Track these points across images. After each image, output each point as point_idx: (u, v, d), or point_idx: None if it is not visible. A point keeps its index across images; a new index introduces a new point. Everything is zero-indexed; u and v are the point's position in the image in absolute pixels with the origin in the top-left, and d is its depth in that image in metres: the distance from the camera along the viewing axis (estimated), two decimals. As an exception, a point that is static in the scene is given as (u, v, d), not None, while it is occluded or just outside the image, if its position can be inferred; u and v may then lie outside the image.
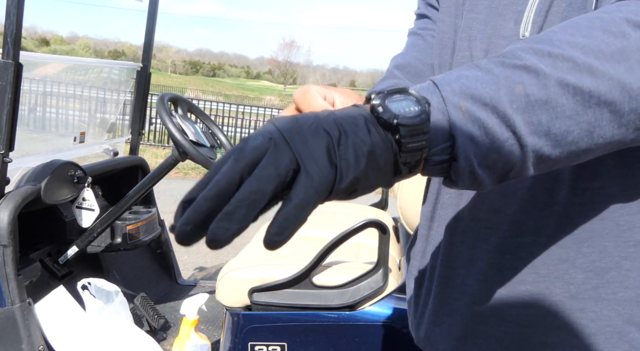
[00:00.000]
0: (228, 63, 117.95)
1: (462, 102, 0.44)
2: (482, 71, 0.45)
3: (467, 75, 0.45)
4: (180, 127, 1.74)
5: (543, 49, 0.46)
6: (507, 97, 0.44)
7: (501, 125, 0.44)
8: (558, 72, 0.44)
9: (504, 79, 0.44)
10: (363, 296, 1.58)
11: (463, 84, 0.44)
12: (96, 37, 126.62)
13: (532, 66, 0.45)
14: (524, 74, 0.44)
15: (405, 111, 0.42)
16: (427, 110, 0.43)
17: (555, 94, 0.44)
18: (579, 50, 0.45)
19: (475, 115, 0.44)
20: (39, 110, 2.27)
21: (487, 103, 0.44)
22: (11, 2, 1.46)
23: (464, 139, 0.44)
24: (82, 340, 1.68)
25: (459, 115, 0.44)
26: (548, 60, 0.45)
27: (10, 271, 1.56)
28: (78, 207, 1.87)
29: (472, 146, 0.44)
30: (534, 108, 0.44)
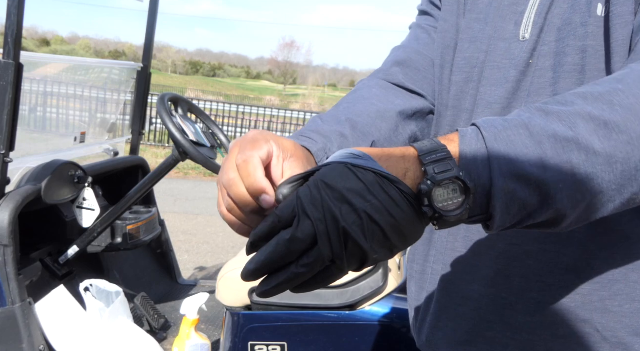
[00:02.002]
0: (228, 63, 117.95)
1: (507, 184, 0.44)
2: (533, 140, 0.45)
3: (517, 142, 0.45)
4: (180, 127, 1.75)
5: (601, 115, 0.45)
6: (554, 177, 0.44)
7: (543, 204, 0.45)
8: (609, 148, 0.44)
9: (552, 158, 0.44)
10: (363, 296, 1.59)
11: (512, 162, 0.44)
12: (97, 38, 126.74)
13: (584, 142, 0.44)
14: (574, 151, 0.44)
15: (448, 204, 0.44)
16: (469, 202, 0.44)
17: (602, 172, 0.45)
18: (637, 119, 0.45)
19: (518, 195, 0.45)
20: (40, 110, 2.28)
21: (532, 183, 0.44)
22: (12, 2, 1.47)
23: (502, 217, 0.45)
24: (82, 340, 1.68)
25: (502, 197, 0.45)
26: (603, 131, 0.45)
27: (11, 271, 1.57)
28: (78, 207, 1.88)
29: (509, 219, 0.46)
30: (578, 186, 0.45)
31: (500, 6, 0.70)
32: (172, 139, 1.71)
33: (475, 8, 0.73)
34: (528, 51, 0.66)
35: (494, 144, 0.45)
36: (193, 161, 1.73)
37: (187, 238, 4.50)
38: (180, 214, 5.19)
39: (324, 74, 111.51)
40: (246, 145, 0.54)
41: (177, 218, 4.98)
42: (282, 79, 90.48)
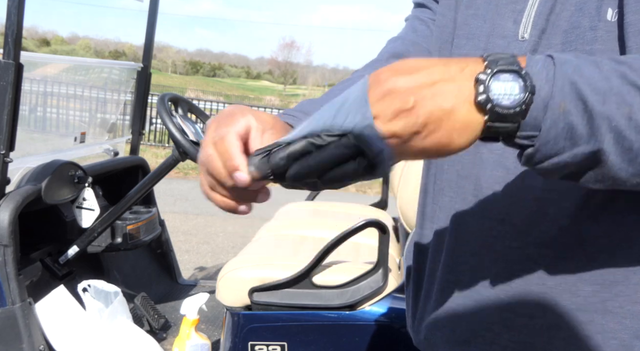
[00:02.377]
0: (228, 63, 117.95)
1: (564, 101, 0.44)
2: (601, 73, 0.45)
3: (585, 70, 0.45)
4: (180, 127, 1.75)
5: None
6: (610, 112, 0.44)
7: (590, 138, 0.45)
8: None
9: (616, 94, 0.44)
10: (363, 296, 1.59)
11: (576, 82, 0.44)
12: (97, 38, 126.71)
13: None
14: (637, 97, 0.44)
15: (504, 97, 0.44)
16: (528, 102, 0.44)
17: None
18: None
19: (570, 118, 0.44)
20: (40, 110, 2.28)
21: (588, 111, 0.44)
22: (12, 2, 1.47)
23: (548, 139, 0.45)
24: (82, 340, 1.68)
25: (556, 113, 0.44)
26: None
27: (11, 271, 1.57)
28: (78, 207, 1.88)
29: (554, 147, 0.45)
30: (631, 132, 0.44)
31: (499, 3, 0.69)
32: (172, 139, 1.71)
33: (472, 4, 0.72)
34: (529, 52, 0.64)
35: (562, 66, 0.45)
36: (193, 161, 1.73)
37: (187, 238, 4.50)
38: (180, 214, 5.19)
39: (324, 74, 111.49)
40: (223, 121, 0.55)
41: (177, 218, 4.97)
42: (282, 78, 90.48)
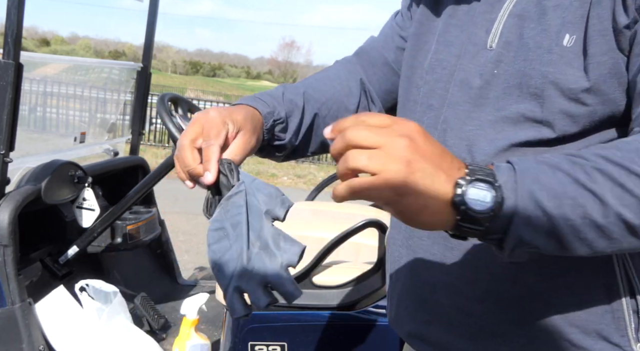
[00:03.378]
0: (228, 63, 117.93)
1: (525, 211, 0.50)
2: (555, 179, 0.51)
3: (542, 178, 0.51)
4: (180, 127, 1.74)
5: (620, 176, 0.50)
6: (566, 214, 0.50)
7: (549, 234, 0.51)
8: (620, 206, 0.50)
9: (571, 198, 0.50)
10: (363, 296, 1.59)
11: (534, 192, 0.50)
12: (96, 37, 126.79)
13: (600, 194, 0.50)
14: (589, 199, 0.50)
15: (477, 203, 0.50)
16: (497, 210, 0.50)
17: (609, 224, 0.50)
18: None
19: (532, 222, 0.50)
20: (40, 110, 2.28)
21: (546, 214, 0.50)
22: (12, 2, 1.47)
23: (514, 240, 0.51)
24: (82, 340, 1.68)
25: (519, 221, 0.50)
26: (618, 191, 0.50)
27: (10, 271, 1.57)
28: (78, 207, 1.88)
29: (519, 244, 0.51)
30: (585, 229, 0.51)
31: (475, 13, 0.73)
32: (172, 139, 1.70)
33: (455, 14, 0.77)
34: (493, 61, 0.69)
35: (523, 176, 0.51)
36: (193, 161, 1.72)
37: (187, 238, 4.50)
38: (180, 214, 5.19)
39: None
40: (210, 130, 0.68)
41: (177, 218, 4.97)
42: (282, 78, 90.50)
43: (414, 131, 0.50)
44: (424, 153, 0.49)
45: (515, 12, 0.68)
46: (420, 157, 0.49)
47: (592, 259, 0.64)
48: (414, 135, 0.50)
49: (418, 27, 0.82)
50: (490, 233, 0.51)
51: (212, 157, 0.66)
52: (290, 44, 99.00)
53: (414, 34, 0.83)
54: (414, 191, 0.49)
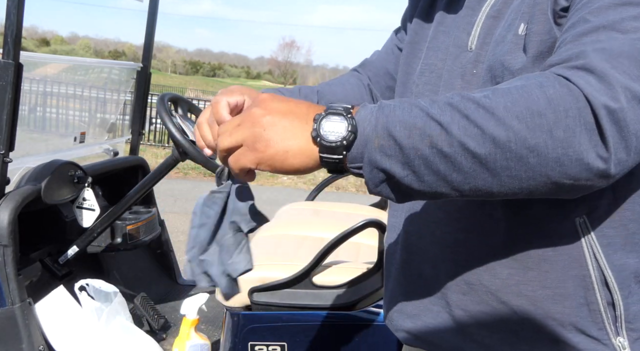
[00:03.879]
0: (228, 63, 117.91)
1: (377, 138, 0.54)
2: (410, 113, 0.54)
3: (397, 112, 0.55)
4: (180, 127, 1.74)
5: (466, 109, 0.53)
6: (415, 144, 0.53)
7: (404, 164, 0.54)
8: (464, 136, 0.52)
9: (419, 128, 0.53)
10: (363, 296, 1.59)
11: (387, 122, 0.54)
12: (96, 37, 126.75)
13: (446, 124, 0.53)
14: (436, 129, 0.53)
15: (330, 133, 0.55)
16: (349, 138, 0.55)
17: (455, 153, 0.53)
18: (495, 119, 0.52)
19: (385, 150, 0.54)
20: (39, 110, 2.27)
21: (398, 144, 0.54)
22: (12, 2, 1.46)
23: (371, 167, 0.55)
24: (82, 340, 1.68)
25: (372, 147, 0.54)
26: (463, 122, 0.53)
27: (10, 271, 1.56)
28: (78, 207, 1.87)
29: (377, 175, 0.56)
30: (435, 158, 0.53)
31: (458, 17, 0.78)
32: (172, 139, 1.71)
33: (443, 21, 0.82)
34: (472, 62, 0.73)
35: (382, 111, 0.55)
36: (193, 161, 1.72)
37: (187, 238, 4.48)
38: (180, 214, 5.19)
39: (324, 74, 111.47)
40: (222, 92, 0.75)
41: (177, 218, 4.97)
42: (282, 78, 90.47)
43: (262, 100, 0.58)
44: (273, 110, 0.57)
45: (491, 13, 0.73)
46: (270, 114, 0.56)
47: (564, 252, 0.66)
48: (262, 102, 0.58)
49: (413, 36, 0.88)
50: (351, 162, 0.56)
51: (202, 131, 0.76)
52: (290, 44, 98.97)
53: (408, 43, 0.89)
54: (272, 141, 0.56)
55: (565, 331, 0.67)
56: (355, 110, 0.56)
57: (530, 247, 0.68)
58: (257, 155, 0.56)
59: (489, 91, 0.55)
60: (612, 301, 0.67)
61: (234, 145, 0.58)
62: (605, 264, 0.66)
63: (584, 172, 0.52)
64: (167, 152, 8.58)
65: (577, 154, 0.51)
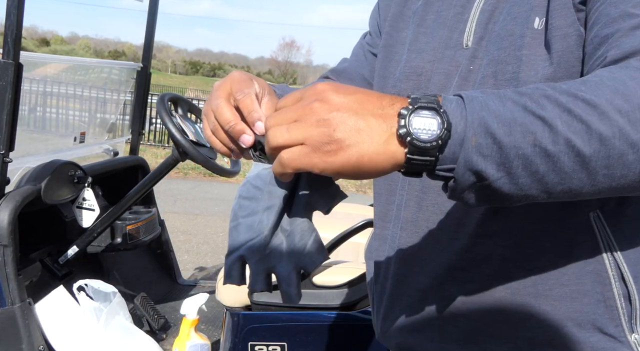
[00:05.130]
0: (228, 63, 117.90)
1: (475, 136, 0.48)
2: (505, 107, 0.49)
3: (491, 105, 0.49)
4: (180, 127, 1.74)
5: (567, 102, 0.48)
6: (516, 142, 0.48)
7: (499, 165, 0.48)
8: (569, 133, 0.47)
9: (520, 125, 0.48)
10: (363, 296, 1.58)
11: (484, 117, 0.48)
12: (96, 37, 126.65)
13: (549, 120, 0.48)
14: (539, 125, 0.48)
15: (423, 131, 0.47)
16: (444, 137, 0.48)
17: (559, 152, 0.48)
18: (598, 113, 0.48)
19: (482, 150, 0.48)
20: (39, 110, 2.27)
21: (497, 142, 0.48)
22: (12, 2, 1.46)
23: (465, 170, 0.49)
24: (82, 340, 1.68)
25: (469, 147, 0.48)
26: (566, 117, 0.48)
27: (10, 271, 1.56)
28: (78, 207, 1.87)
29: (470, 178, 0.49)
30: (536, 158, 0.48)
31: (447, 18, 0.76)
32: (172, 139, 1.71)
33: (424, 23, 0.79)
34: (469, 58, 0.71)
35: (471, 103, 0.49)
36: (193, 161, 1.72)
37: (187, 238, 4.50)
38: (180, 214, 5.19)
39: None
40: (240, 84, 0.64)
41: (177, 218, 4.97)
42: (282, 78, 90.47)
43: (322, 91, 0.50)
44: (340, 106, 0.48)
45: (485, 8, 0.71)
46: (338, 111, 0.48)
47: (579, 247, 0.65)
48: (323, 95, 0.50)
49: (387, 39, 0.85)
50: (442, 163, 0.49)
51: (254, 105, 0.61)
52: (290, 44, 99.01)
53: (383, 46, 0.86)
54: (344, 144, 0.48)
55: (582, 330, 0.66)
56: (444, 101, 0.50)
57: (545, 244, 0.66)
58: (325, 158, 0.48)
59: (578, 83, 0.50)
60: (628, 296, 0.65)
61: (291, 143, 0.49)
62: (621, 258, 0.65)
63: None
64: (167, 152, 8.58)
65: None
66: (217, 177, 6.48)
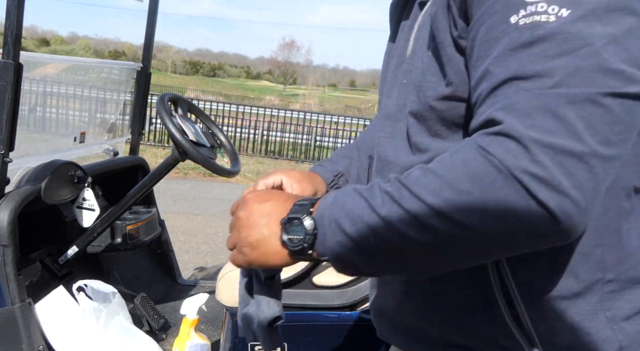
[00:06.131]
0: (228, 63, 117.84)
1: (333, 235, 0.59)
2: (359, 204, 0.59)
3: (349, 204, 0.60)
4: (180, 127, 1.74)
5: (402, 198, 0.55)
6: (362, 233, 0.57)
7: (360, 254, 0.59)
8: (404, 228, 0.55)
9: (365, 222, 0.57)
10: (363, 296, 1.58)
11: (338, 219, 0.59)
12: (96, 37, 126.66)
13: (385, 216, 0.56)
14: (377, 220, 0.56)
15: (290, 239, 0.62)
16: (309, 241, 0.61)
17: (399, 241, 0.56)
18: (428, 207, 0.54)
19: (340, 243, 0.59)
20: (39, 110, 2.27)
21: (349, 237, 0.58)
22: (11, 2, 1.46)
23: (334, 259, 0.61)
24: (82, 340, 1.68)
25: (332, 244, 0.60)
26: (395, 209, 0.55)
27: (10, 271, 1.56)
28: (78, 207, 1.87)
29: (339, 262, 0.61)
30: (385, 245, 0.57)
31: (404, 27, 0.81)
32: (172, 139, 1.70)
33: (402, 31, 0.83)
34: (405, 72, 0.75)
35: (332, 207, 0.61)
36: (193, 161, 1.72)
37: (187, 238, 4.50)
38: (180, 214, 5.19)
39: (324, 74, 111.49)
40: (260, 179, 0.88)
41: (177, 218, 4.97)
42: (282, 78, 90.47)
43: (245, 201, 0.68)
44: (254, 213, 0.66)
45: (420, 22, 0.73)
46: (252, 216, 0.66)
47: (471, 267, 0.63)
48: (245, 205, 0.68)
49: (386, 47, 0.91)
50: (320, 255, 0.61)
51: None
52: (290, 44, 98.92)
53: (384, 54, 0.91)
54: (252, 246, 0.65)
55: (481, 345, 0.68)
56: (317, 204, 0.62)
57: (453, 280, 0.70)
58: (246, 258, 0.66)
59: (422, 170, 0.56)
60: (517, 316, 0.64)
61: (232, 248, 0.69)
62: (510, 278, 0.63)
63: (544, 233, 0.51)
64: (167, 152, 8.58)
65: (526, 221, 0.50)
66: (217, 177, 6.47)
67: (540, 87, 0.51)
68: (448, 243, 0.53)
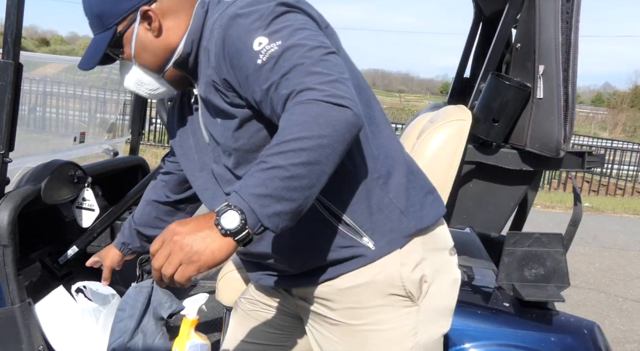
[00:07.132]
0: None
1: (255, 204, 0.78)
2: (254, 176, 0.80)
3: (250, 181, 0.80)
4: (180, 127, 1.74)
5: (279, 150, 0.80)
6: (272, 186, 0.78)
7: (279, 200, 0.79)
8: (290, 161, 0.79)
9: (268, 178, 0.79)
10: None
11: (250, 193, 0.79)
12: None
13: (276, 164, 0.79)
14: (274, 171, 0.79)
15: (228, 226, 0.79)
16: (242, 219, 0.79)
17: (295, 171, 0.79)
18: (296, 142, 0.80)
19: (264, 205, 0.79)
20: (39, 110, 2.28)
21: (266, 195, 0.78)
22: (11, 2, 1.46)
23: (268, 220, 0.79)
24: (81, 340, 1.68)
25: (258, 210, 0.79)
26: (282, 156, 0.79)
27: (10, 271, 1.56)
28: (78, 207, 1.87)
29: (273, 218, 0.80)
30: (289, 183, 0.79)
31: (193, 120, 1.18)
32: (172, 139, 1.70)
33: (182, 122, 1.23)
34: (211, 151, 1.12)
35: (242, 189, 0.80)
36: (193, 161, 1.72)
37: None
38: (180, 214, 5.17)
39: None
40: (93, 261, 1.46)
41: (177, 218, 4.96)
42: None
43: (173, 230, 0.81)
44: (186, 232, 0.80)
45: (203, 115, 1.06)
46: (187, 235, 0.80)
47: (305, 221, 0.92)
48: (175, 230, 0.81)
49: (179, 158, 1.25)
50: (255, 229, 0.79)
51: None
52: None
53: None
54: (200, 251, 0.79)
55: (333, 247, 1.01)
56: (228, 202, 0.80)
57: None
58: (196, 265, 0.79)
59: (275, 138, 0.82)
60: (345, 222, 1.00)
61: (175, 269, 0.80)
62: (331, 204, 0.99)
63: (353, 127, 0.83)
64: (166, 152, 8.57)
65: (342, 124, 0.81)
66: (217, 177, 6.44)
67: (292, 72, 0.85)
68: (321, 152, 0.79)
